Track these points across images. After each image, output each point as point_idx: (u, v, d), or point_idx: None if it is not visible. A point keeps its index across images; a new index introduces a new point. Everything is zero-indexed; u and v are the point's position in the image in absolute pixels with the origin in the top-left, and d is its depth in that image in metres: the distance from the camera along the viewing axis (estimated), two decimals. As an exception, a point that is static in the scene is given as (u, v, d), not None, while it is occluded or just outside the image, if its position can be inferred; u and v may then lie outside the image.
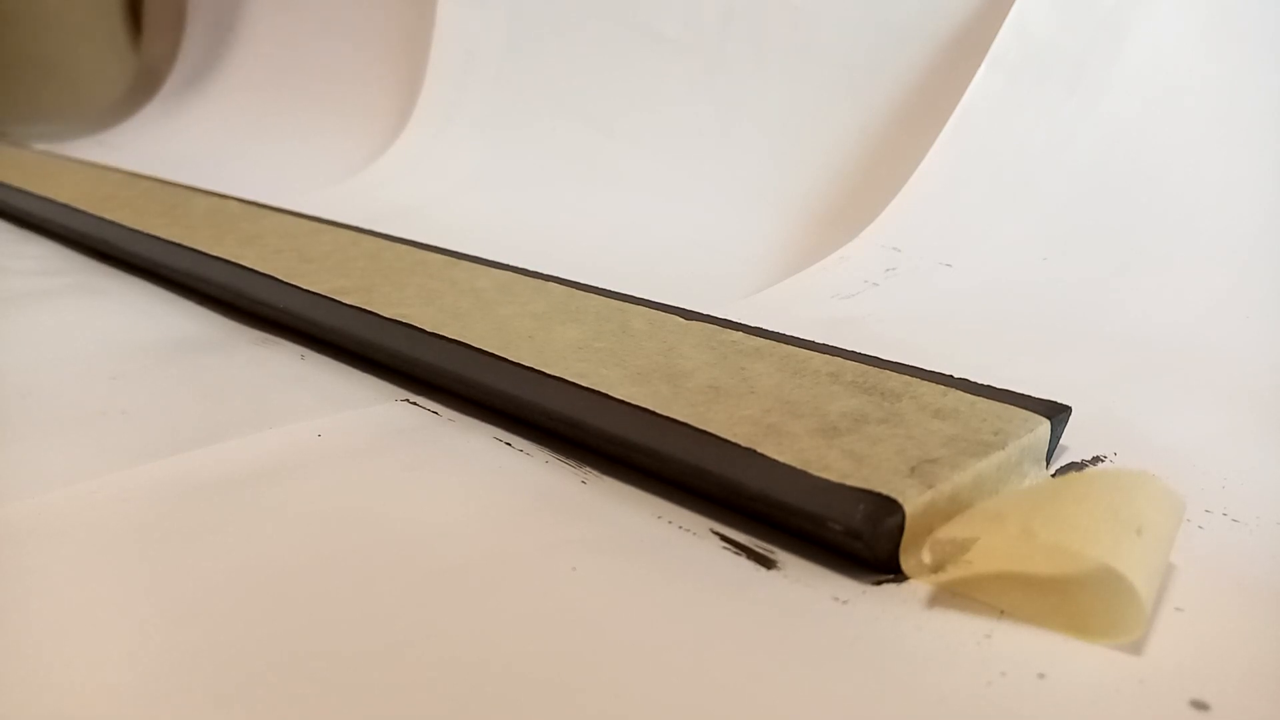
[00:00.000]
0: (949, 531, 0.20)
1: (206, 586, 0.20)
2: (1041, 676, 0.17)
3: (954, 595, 0.19)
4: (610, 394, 0.25)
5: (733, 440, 0.23)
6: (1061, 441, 0.26)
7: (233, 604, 0.19)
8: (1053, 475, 0.24)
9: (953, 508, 0.21)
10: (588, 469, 0.25)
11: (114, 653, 0.18)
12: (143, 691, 0.17)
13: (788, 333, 0.30)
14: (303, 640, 0.18)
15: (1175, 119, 0.39)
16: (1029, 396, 0.25)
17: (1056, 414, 0.25)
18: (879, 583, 0.20)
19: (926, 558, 0.20)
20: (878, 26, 0.50)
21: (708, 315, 0.32)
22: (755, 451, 0.22)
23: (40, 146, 0.81)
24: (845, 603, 0.19)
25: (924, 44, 0.49)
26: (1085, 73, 0.41)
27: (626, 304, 0.33)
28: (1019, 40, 0.43)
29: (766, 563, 0.21)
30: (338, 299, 0.34)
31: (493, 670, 0.17)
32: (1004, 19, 0.44)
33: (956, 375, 0.27)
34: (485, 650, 0.18)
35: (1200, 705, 0.16)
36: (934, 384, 0.26)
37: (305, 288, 0.35)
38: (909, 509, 0.20)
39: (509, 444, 0.26)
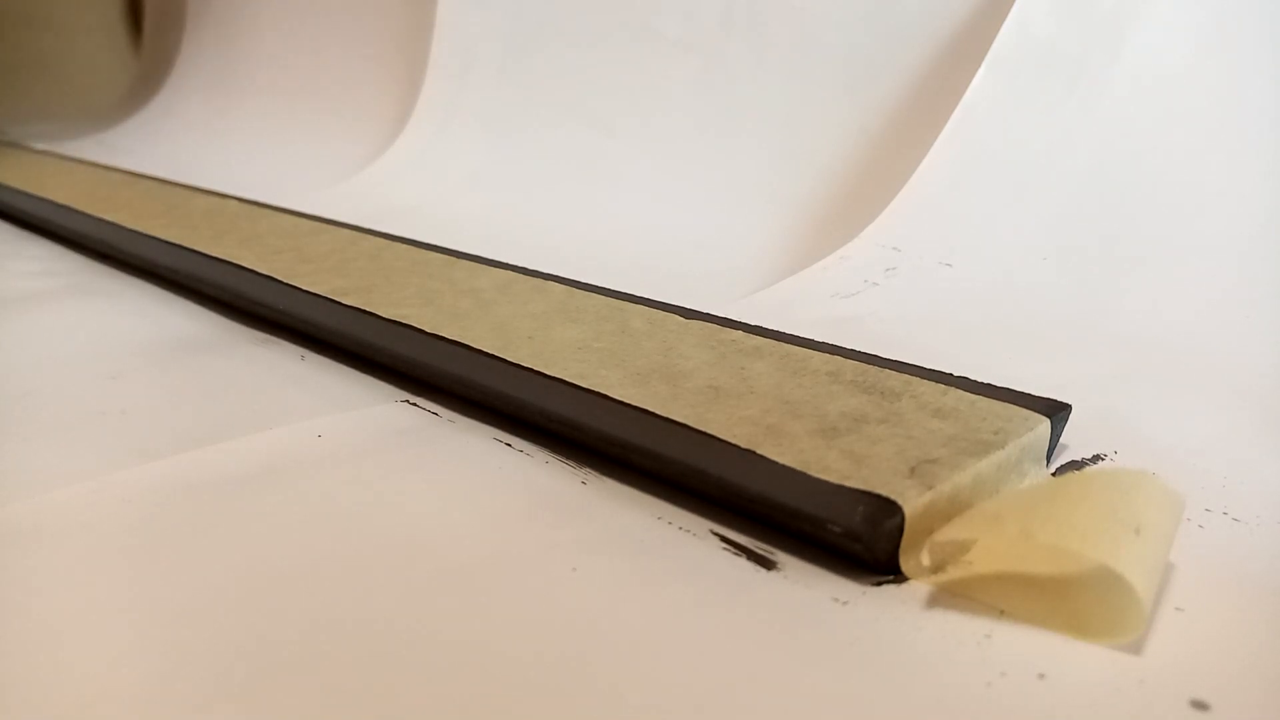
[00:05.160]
0: (948, 533, 0.20)
1: (206, 586, 0.20)
2: (1041, 676, 0.17)
3: (954, 596, 0.19)
4: (609, 395, 0.25)
5: (732, 441, 0.23)
6: (1062, 440, 0.26)
7: (232, 604, 0.19)
8: (1053, 474, 0.24)
9: (952, 508, 0.21)
10: (588, 470, 0.25)
11: (114, 652, 0.18)
12: (142, 691, 0.17)
13: (788, 331, 0.30)
14: (302, 640, 0.18)
15: (1175, 119, 0.39)
16: (1029, 395, 0.25)
17: (1056, 412, 0.24)
18: (879, 584, 0.20)
19: (926, 559, 0.20)
20: (878, 26, 0.50)
21: (707, 314, 0.32)
22: (754, 453, 0.22)
23: (40, 146, 0.81)
24: (845, 604, 0.19)
25: (924, 44, 0.49)
26: (1085, 73, 0.41)
27: (626, 303, 0.33)
28: (1019, 40, 0.43)
29: (766, 564, 0.21)
30: (337, 299, 0.34)
31: (493, 670, 0.17)
32: (1004, 19, 0.44)
33: (956, 374, 0.27)
34: (485, 650, 0.18)
35: (1200, 705, 0.16)
36: (934, 383, 0.26)
37: (305, 288, 0.35)
38: (908, 510, 0.20)
39: (509, 445, 0.26)
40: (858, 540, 0.20)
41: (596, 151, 0.59)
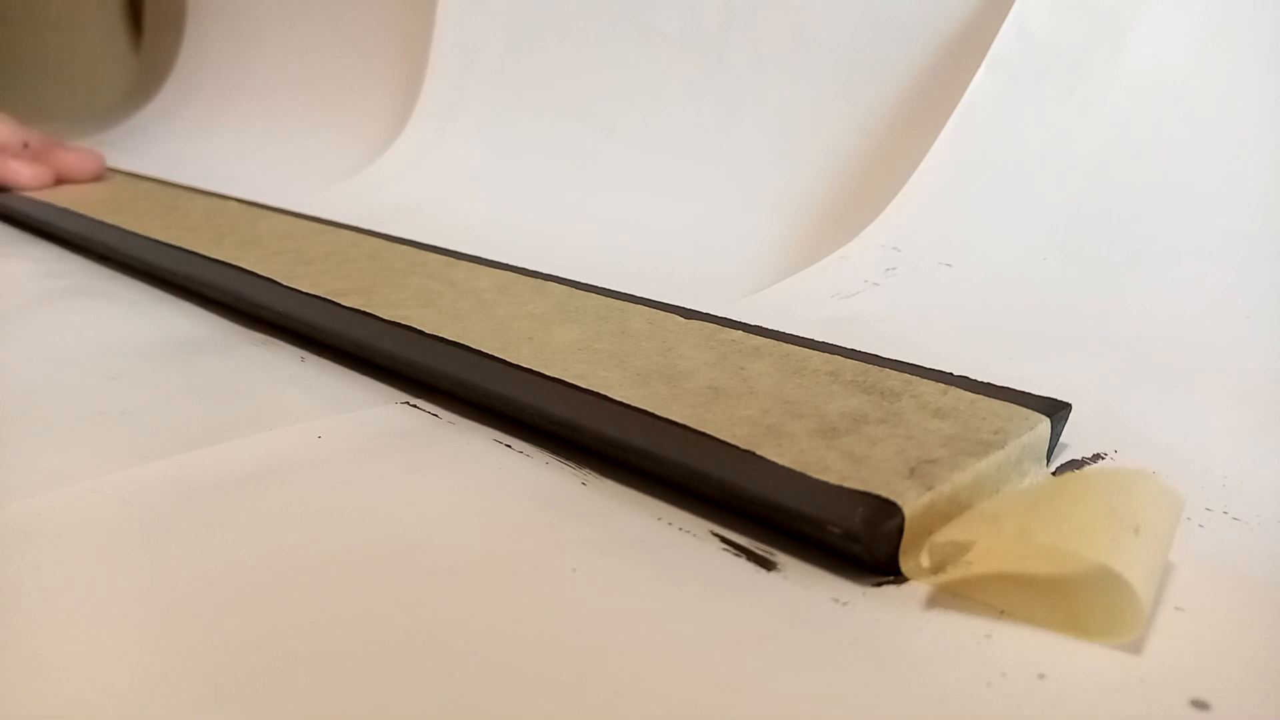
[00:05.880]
0: (948, 534, 0.20)
1: (206, 587, 0.20)
2: (1041, 676, 0.17)
3: (953, 596, 0.19)
4: (609, 395, 0.25)
5: (732, 442, 0.23)
6: (1062, 439, 0.26)
7: (232, 604, 0.19)
8: (1053, 473, 0.24)
9: (952, 508, 0.21)
10: (588, 470, 0.25)
11: (114, 653, 0.18)
12: (142, 691, 0.17)
13: (788, 331, 0.30)
14: (302, 640, 0.18)
15: (1175, 118, 0.39)
16: (1029, 394, 0.25)
17: (1056, 412, 0.24)
18: (879, 584, 0.20)
19: (926, 560, 0.20)
20: (878, 26, 0.50)
21: (707, 314, 0.32)
22: (754, 454, 0.22)
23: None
24: (845, 604, 0.19)
25: (924, 44, 0.49)
26: (1085, 73, 0.41)
27: (626, 304, 0.33)
28: (1019, 40, 0.43)
29: (766, 564, 0.21)
30: (337, 301, 0.34)
31: (492, 670, 0.17)
32: (1004, 19, 0.44)
33: (956, 374, 0.27)
34: (485, 650, 0.18)
35: (1200, 705, 0.16)
36: (934, 382, 0.26)
37: (304, 290, 0.35)
38: (908, 511, 0.20)
39: (509, 446, 0.26)
40: (857, 541, 0.20)
41: (596, 152, 0.59)
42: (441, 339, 0.30)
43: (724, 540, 0.22)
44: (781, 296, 0.40)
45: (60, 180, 0.61)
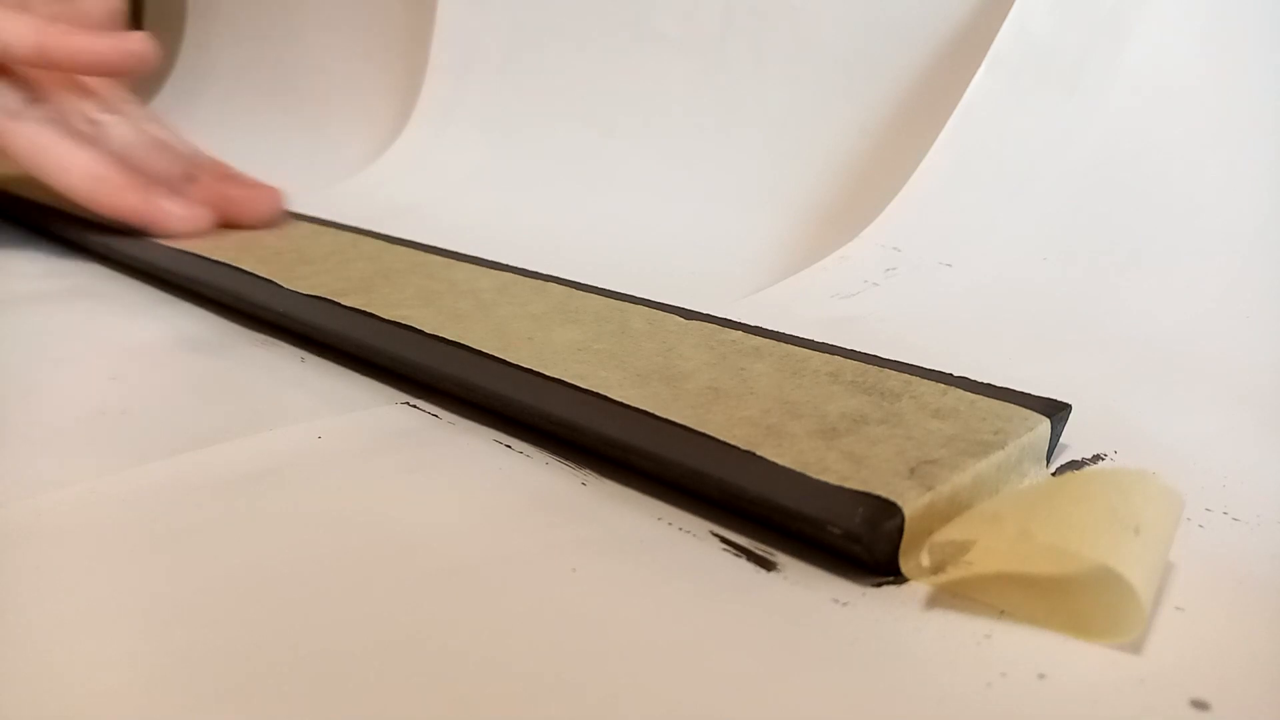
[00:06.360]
0: (948, 533, 0.20)
1: (206, 587, 0.20)
2: (1041, 677, 0.17)
3: (953, 596, 0.19)
4: (609, 396, 0.25)
5: (731, 443, 0.23)
6: (1062, 440, 0.26)
7: (233, 604, 0.19)
8: (1053, 474, 0.24)
9: (952, 508, 0.21)
10: (588, 471, 0.25)
11: (114, 653, 0.18)
12: (143, 692, 0.17)
13: (788, 332, 0.30)
14: (303, 640, 0.18)
15: (1175, 119, 0.39)
16: (1029, 395, 0.25)
17: (1056, 412, 0.25)
18: (879, 584, 0.20)
19: (926, 560, 0.20)
20: (878, 26, 0.50)
21: (707, 315, 0.32)
22: (754, 454, 0.22)
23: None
24: (845, 604, 0.19)
25: (924, 44, 0.48)
26: (1085, 73, 0.41)
27: (626, 304, 0.33)
28: (1019, 40, 0.43)
29: (766, 565, 0.21)
30: (337, 301, 0.34)
31: (492, 670, 0.17)
32: (1004, 19, 0.44)
33: (956, 374, 0.27)
34: (485, 650, 0.18)
35: (1200, 705, 0.16)
36: (934, 383, 0.26)
37: (304, 291, 0.35)
38: (908, 511, 0.20)
39: (509, 446, 0.26)
40: (857, 541, 0.20)
41: (596, 151, 0.59)
42: (442, 339, 0.30)
43: (724, 540, 0.22)
44: (781, 296, 0.40)
45: (226, 224, 0.46)
